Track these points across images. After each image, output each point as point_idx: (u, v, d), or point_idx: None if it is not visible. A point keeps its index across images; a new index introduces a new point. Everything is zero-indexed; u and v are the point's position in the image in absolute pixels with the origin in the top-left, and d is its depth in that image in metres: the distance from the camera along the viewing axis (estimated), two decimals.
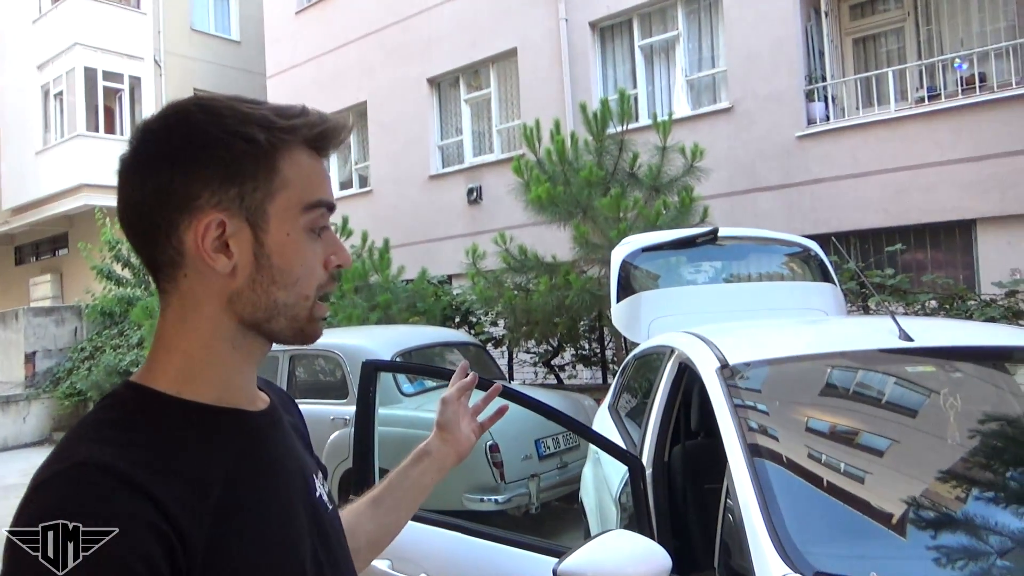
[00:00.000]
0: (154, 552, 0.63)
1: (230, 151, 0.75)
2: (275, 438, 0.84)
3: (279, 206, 0.77)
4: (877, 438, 2.05)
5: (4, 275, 19.13)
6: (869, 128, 7.88)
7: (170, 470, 0.69)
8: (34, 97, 16.04)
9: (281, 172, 0.77)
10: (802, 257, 4.30)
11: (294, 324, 0.80)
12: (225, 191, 0.75)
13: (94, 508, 0.63)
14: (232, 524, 0.72)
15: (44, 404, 13.08)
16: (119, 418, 0.73)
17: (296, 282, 0.78)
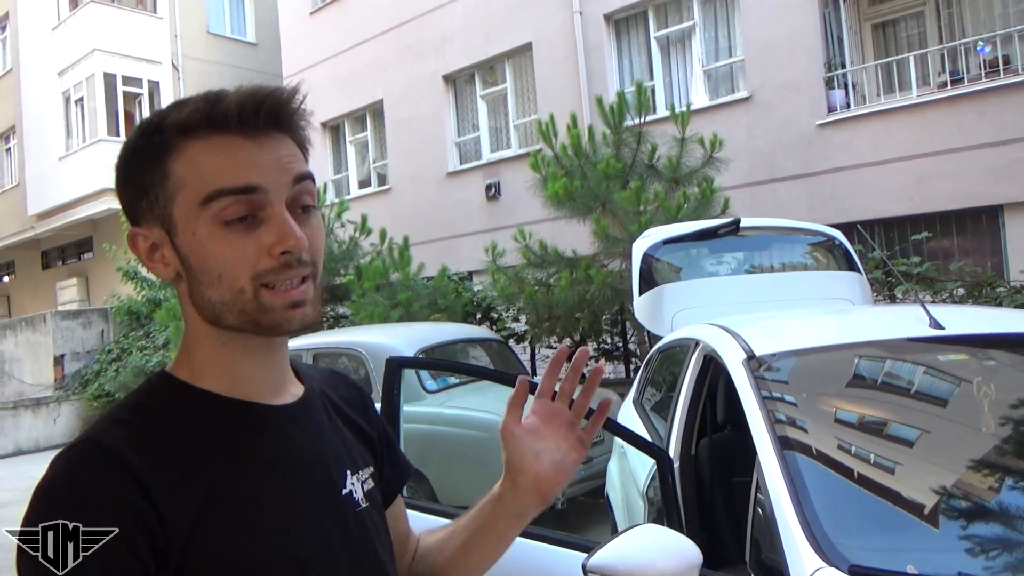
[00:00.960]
0: (131, 529, 0.67)
1: (133, 163, 0.77)
2: (290, 432, 0.82)
3: (181, 208, 0.75)
4: (909, 428, 2.02)
5: (31, 279, 19.44)
6: (891, 115, 7.77)
7: (165, 455, 0.72)
8: (55, 103, 16.25)
9: (174, 173, 0.75)
10: (826, 246, 4.25)
11: (244, 318, 0.77)
12: (140, 205, 0.78)
13: (77, 480, 0.69)
14: (222, 511, 0.73)
15: (73, 406, 13.29)
16: (140, 403, 0.78)
17: (219, 278, 0.75)
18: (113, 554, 0.67)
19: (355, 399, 0.98)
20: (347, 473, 0.87)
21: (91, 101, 15.33)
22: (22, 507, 3.08)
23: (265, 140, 0.76)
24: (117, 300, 13.82)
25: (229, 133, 0.75)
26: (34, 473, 3.79)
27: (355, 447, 0.92)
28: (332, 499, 0.83)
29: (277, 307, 0.76)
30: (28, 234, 17.50)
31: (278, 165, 0.76)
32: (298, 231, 0.75)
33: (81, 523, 0.66)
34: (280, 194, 0.76)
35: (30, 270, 19.53)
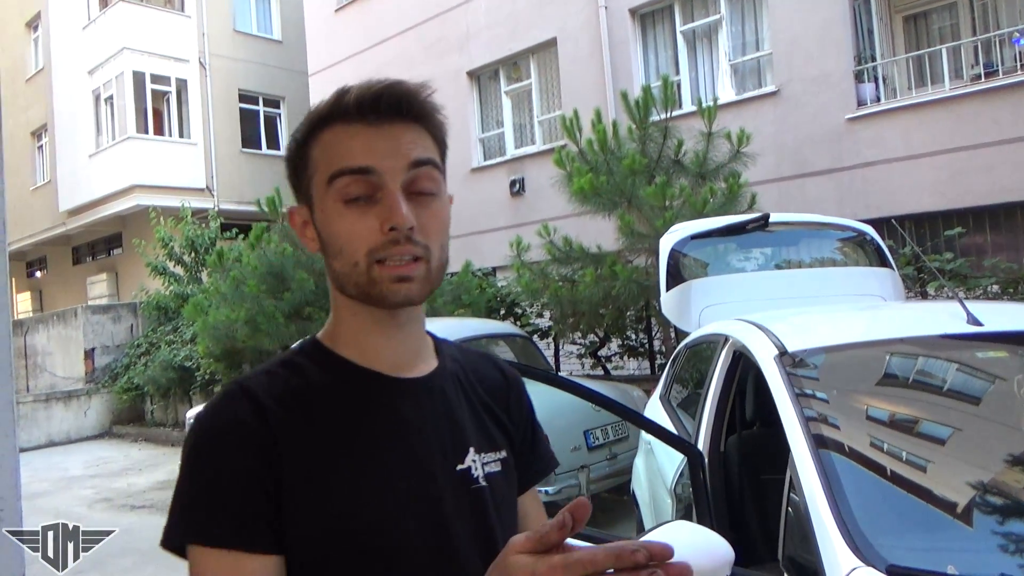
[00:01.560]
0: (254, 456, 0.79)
1: (289, 154, 0.90)
2: (410, 404, 0.89)
3: (316, 188, 0.86)
4: (946, 427, 1.97)
5: (63, 275, 19.79)
6: (922, 108, 7.63)
7: (296, 404, 0.83)
8: (86, 101, 16.51)
9: (312, 158, 0.87)
10: (857, 242, 4.18)
11: (359, 290, 0.85)
12: (296, 186, 0.90)
13: (223, 411, 0.82)
14: (334, 462, 0.82)
15: (103, 399, 13.51)
16: (288, 359, 0.90)
17: (340, 251, 0.85)
18: (243, 480, 0.78)
19: (497, 383, 1.02)
20: (470, 450, 0.91)
21: (120, 99, 15.55)
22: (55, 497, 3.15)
23: (387, 127, 0.85)
24: (146, 295, 14.02)
25: (353, 122, 0.85)
26: (65, 464, 3.87)
27: (484, 429, 0.95)
28: (444, 474, 0.88)
29: (384, 280, 0.83)
30: (59, 230, 17.81)
31: (395, 150, 0.84)
32: (404, 209, 0.82)
33: (218, 451, 0.79)
34: (395, 177, 0.83)
35: (61, 266, 19.88)
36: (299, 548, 0.80)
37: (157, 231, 13.20)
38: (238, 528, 0.78)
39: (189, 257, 13.45)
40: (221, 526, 0.78)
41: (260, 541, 0.78)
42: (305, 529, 0.80)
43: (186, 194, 15.16)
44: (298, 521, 0.80)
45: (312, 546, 0.80)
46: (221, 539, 0.77)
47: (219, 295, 9.08)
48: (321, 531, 0.80)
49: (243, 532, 0.78)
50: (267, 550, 0.78)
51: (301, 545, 0.80)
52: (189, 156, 16.15)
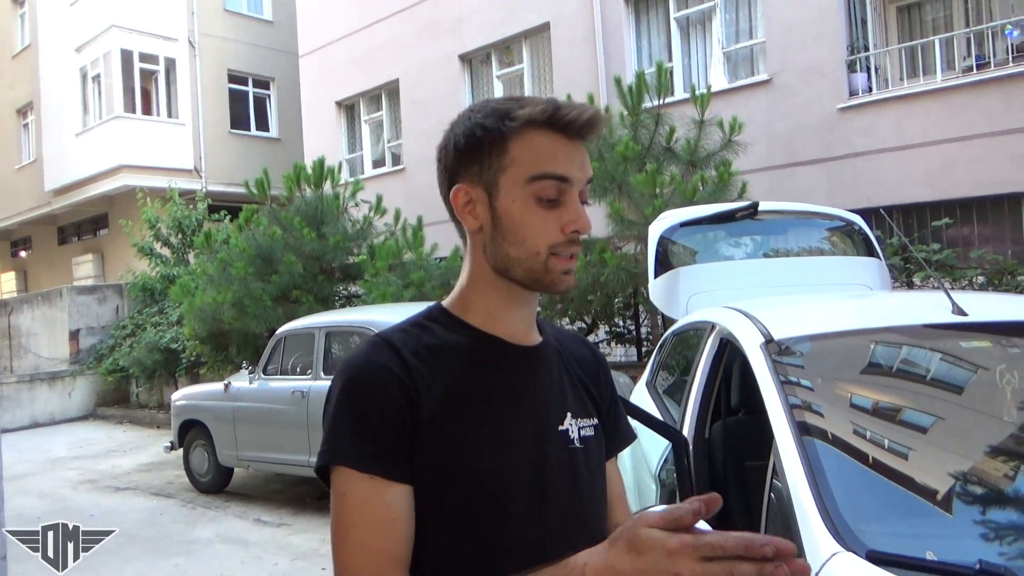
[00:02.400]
0: (398, 394, 0.92)
1: (474, 138, 0.99)
2: (522, 368, 1.02)
3: (509, 179, 0.97)
4: (929, 415, 1.98)
5: (48, 255, 19.62)
6: (914, 99, 7.65)
7: (428, 357, 0.96)
8: (73, 79, 16.30)
9: (510, 152, 0.97)
10: (845, 231, 4.19)
11: (530, 275, 0.99)
12: (470, 167, 1.00)
13: (368, 358, 0.95)
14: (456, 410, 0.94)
15: (88, 380, 13.43)
16: (418, 321, 1.03)
17: (523, 241, 0.97)
18: (388, 414, 0.91)
19: (588, 360, 1.14)
20: (568, 414, 1.03)
21: (108, 78, 15.37)
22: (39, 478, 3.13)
23: (578, 145, 1.00)
24: (132, 276, 13.91)
25: (558, 133, 0.98)
26: (50, 446, 3.84)
27: (579, 398, 1.08)
28: (547, 431, 1.00)
29: (557, 271, 0.98)
30: (45, 210, 17.63)
31: (581, 165, 1.00)
32: (586, 216, 0.99)
33: (368, 387, 0.92)
34: (577, 187, 0.99)
35: (47, 245, 19.70)
36: (424, 482, 0.91)
37: (144, 212, 13.08)
38: (383, 457, 0.90)
39: (176, 238, 13.34)
40: (368, 453, 0.90)
41: (399, 471, 0.90)
42: (432, 466, 0.91)
43: (174, 175, 15.03)
44: (427, 458, 0.91)
45: (436, 482, 0.92)
46: (367, 464, 0.90)
47: (206, 277, 9.02)
48: (445, 469, 0.92)
49: (386, 461, 0.90)
50: (403, 479, 0.90)
51: (426, 479, 0.91)
52: (177, 136, 15.99)
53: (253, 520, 6.10)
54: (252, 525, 5.97)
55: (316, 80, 14.09)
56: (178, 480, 7.63)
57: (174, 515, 6.45)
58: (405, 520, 0.90)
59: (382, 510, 0.89)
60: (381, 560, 0.88)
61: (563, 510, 0.98)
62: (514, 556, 0.92)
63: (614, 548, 0.76)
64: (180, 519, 6.31)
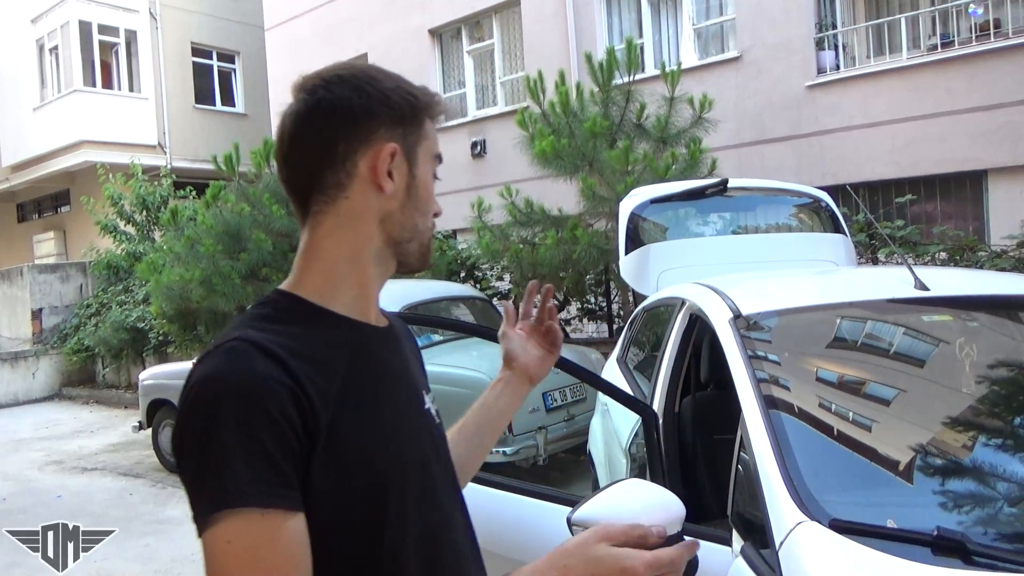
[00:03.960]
0: (289, 407, 0.78)
1: (400, 101, 0.95)
2: (392, 350, 0.99)
3: (424, 151, 0.98)
4: (891, 388, 2.03)
5: (7, 232, 19.11)
6: (880, 77, 7.73)
7: (304, 354, 0.84)
8: (29, 52, 15.79)
9: (425, 126, 0.98)
10: (812, 208, 4.25)
11: (421, 248, 0.99)
12: (395, 130, 0.94)
13: (242, 369, 0.79)
14: (352, 409, 0.85)
15: (52, 360, 13.18)
16: (268, 314, 0.89)
17: (427, 213, 0.99)
18: (284, 433, 0.77)
19: (409, 333, 1.14)
20: (423, 392, 1.03)
21: (66, 50, 14.91)
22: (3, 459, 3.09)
23: None
24: (95, 254, 13.63)
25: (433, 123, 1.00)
26: (13, 427, 3.80)
27: (423, 373, 1.09)
28: (420, 414, 0.99)
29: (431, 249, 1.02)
30: (3, 186, 17.13)
31: None
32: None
33: (256, 405, 0.77)
34: None
35: (5, 223, 19.18)
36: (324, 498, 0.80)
37: (106, 189, 12.78)
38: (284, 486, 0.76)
39: (140, 216, 13.07)
40: (272, 484, 0.75)
41: (296, 497, 0.78)
42: (334, 475, 0.81)
43: (137, 150, 14.68)
44: (330, 469, 0.80)
45: (338, 493, 0.81)
46: (269, 498, 0.75)
47: (173, 255, 8.87)
48: (348, 476, 0.83)
49: (288, 489, 0.77)
50: (300, 507, 0.78)
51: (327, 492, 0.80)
52: (140, 111, 15.60)
53: None
54: None
55: (283, 54, 13.81)
56: (147, 460, 7.56)
57: (143, 495, 6.40)
58: (306, 552, 0.78)
59: (283, 549, 0.75)
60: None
61: (447, 487, 1.00)
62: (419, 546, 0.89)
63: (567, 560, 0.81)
64: (150, 499, 6.26)
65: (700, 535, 1.68)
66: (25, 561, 4.78)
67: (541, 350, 1.32)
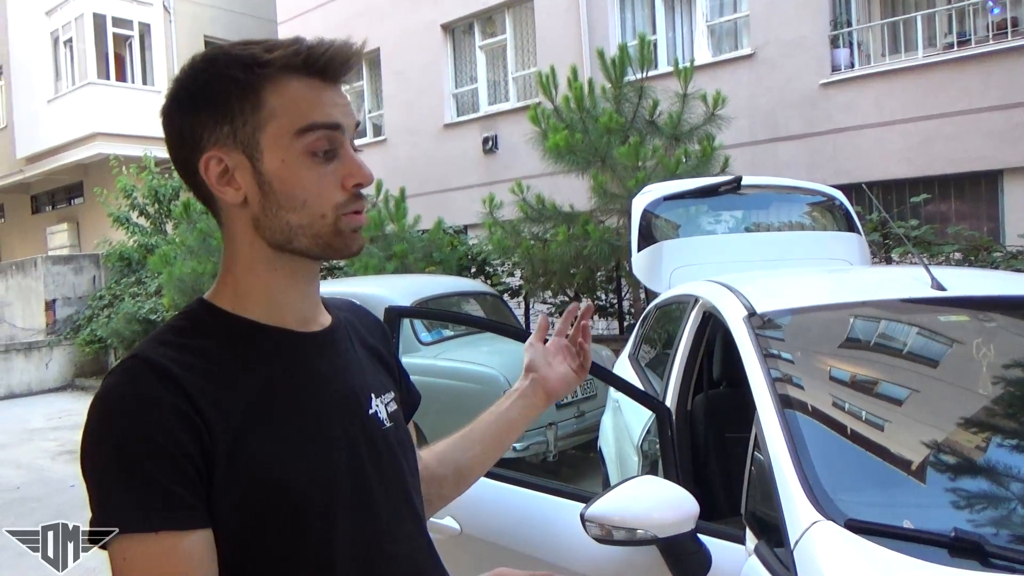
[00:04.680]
0: (177, 430, 0.76)
1: (218, 92, 0.83)
2: (321, 357, 0.91)
3: (270, 136, 0.83)
4: (908, 388, 2.02)
5: (21, 224, 19.24)
6: (895, 75, 7.67)
7: (209, 371, 0.81)
8: (43, 44, 15.87)
9: (267, 104, 0.83)
10: (826, 206, 4.22)
11: (318, 241, 0.86)
12: (220, 129, 0.84)
13: (132, 391, 0.77)
14: (260, 425, 0.81)
15: (66, 351, 13.28)
16: (182, 326, 0.86)
17: (303, 204, 0.84)
18: (169, 456, 0.75)
19: (376, 328, 1.08)
20: (372, 396, 0.95)
21: (80, 42, 14.98)
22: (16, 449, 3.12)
23: (338, 88, 0.88)
24: (108, 246, 13.71)
25: (317, 77, 0.85)
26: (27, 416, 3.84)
27: (378, 372, 1.01)
28: (360, 420, 0.91)
29: (347, 231, 0.86)
30: (17, 177, 17.25)
31: (348, 110, 0.88)
32: (367, 167, 0.87)
33: (138, 429, 0.75)
34: (349, 135, 0.88)
35: (20, 214, 19.32)
36: (237, 516, 0.79)
37: (119, 181, 12.85)
38: (171, 508, 0.75)
39: (153, 208, 13.15)
40: (152, 508, 0.74)
41: (193, 516, 0.76)
42: (241, 494, 0.79)
43: (150, 143, 14.71)
44: (235, 488, 0.78)
45: (246, 510, 0.79)
46: (150, 522, 0.74)
47: (185, 248, 8.92)
48: (256, 493, 0.79)
49: (176, 511, 0.75)
50: (199, 523, 0.77)
51: (239, 512, 0.79)
52: (153, 104, 15.54)
53: None
54: None
55: None
56: None
57: None
58: (208, 568, 0.77)
59: (179, 567, 0.75)
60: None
61: (390, 495, 0.92)
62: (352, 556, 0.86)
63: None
64: None
65: (713, 533, 1.68)
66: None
67: (566, 367, 1.26)
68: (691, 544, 1.61)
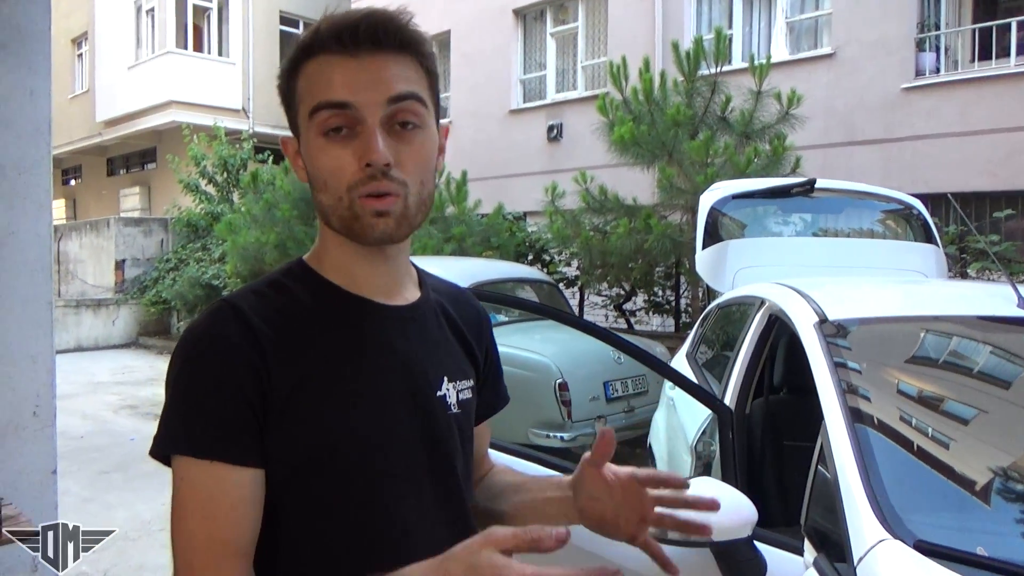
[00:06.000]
0: (243, 374, 0.81)
1: (280, 81, 0.90)
2: (397, 329, 0.92)
3: (302, 119, 0.86)
4: (983, 410, 1.93)
5: (97, 185, 19.99)
6: (984, 83, 7.34)
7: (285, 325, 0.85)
8: (127, 12, 16.39)
9: (298, 89, 0.87)
10: (903, 215, 4.07)
11: (343, 223, 0.86)
12: (291, 112, 0.89)
13: (212, 331, 0.83)
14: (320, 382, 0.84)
15: (132, 309, 13.79)
16: (276, 280, 0.91)
17: (325, 185, 0.85)
18: (232, 395, 0.80)
19: (472, 319, 1.06)
20: (444, 378, 0.95)
21: (162, 12, 15.42)
22: (82, 399, 3.23)
23: (368, 59, 0.83)
24: (177, 211, 14.14)
25: (334, 54, 0.83)
26: (93, 370, 3.99)
27: (459, 359, 1.00)
28: (424, 397, 0.92)
29: (365, 214, 0.84)
30: (95, 140, 17.91)
31: (375, 83, 0.82)
32: (381, 145, 0.82)
33: (209, 366, 0.81)
34: (374, 111, 0.82)
35: (96, 176, 20.07)
36: (283, 464, 0.82)
37: (190, 149, 13.22)
38: (222, 440, 0.80)
39: (221, 177, 13.50)
40: (206, 438, 0.80)
41: (243, 454, 0.81)
42: (292, 445, 0.82)
43: (222, 114, 15.13)
44: (287, 437, 0.82)
45: (298, 462, 0.83)
46: (206, 450, 0.80)
47: (251, 217, 9.13)
48: (309, 448, 0.83)
49: (227, 444, 0.80)
50: (250, 462, 0.81)
51: (286, 460, 0.82)
52: (227, 75, 16.05)
53: None
54: None
55: None
56: None
57: None
58: (248, 506, 0.81)
59: (221, 496, 0.80)
60: (215, 549, 0.79)
61: (439, 479, 0.92)
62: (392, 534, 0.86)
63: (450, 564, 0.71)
64: None
65: (771, 541, 1.64)
66: (99, 496, 5.03)
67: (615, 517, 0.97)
68: (747, 550, 1.57)
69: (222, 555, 0.79)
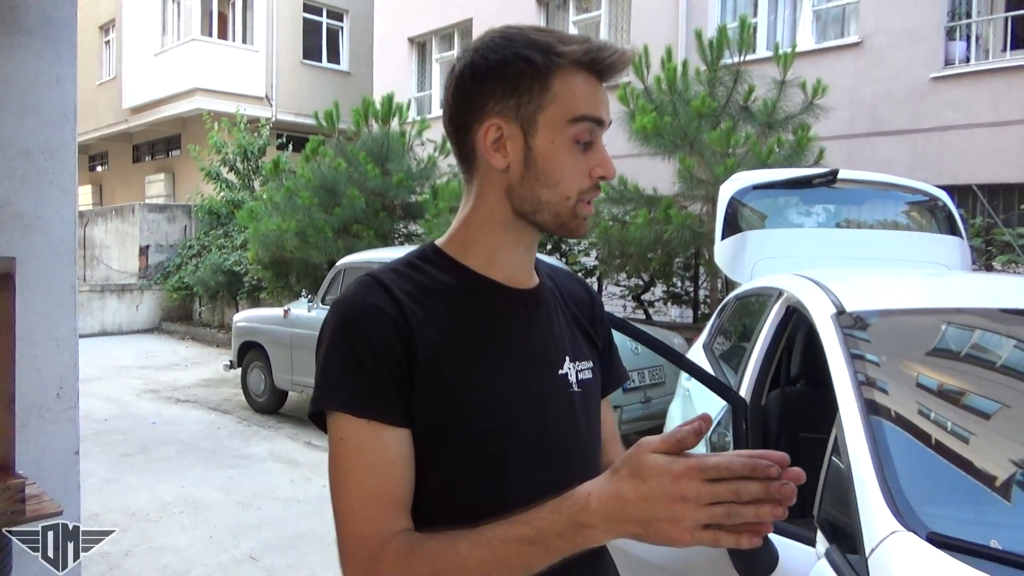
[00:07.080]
0: (392, 337, 0.88)
1: (513, 69, 0.93)
2: (522, 312, 1.00)
3: (548, 117, 0.93)
4: (1002, 403, 1.91)
5: (123, 171, 20.24)
6: (1015, 73, 7.20)
7: (423, 300, 0.93)
8: (154, 0, 16.52)
9: (552, 89, 0.92)
10: (927, 206, 4.01)
11: (557, 219, 0.96)
12: (506, 102, 0.93)
13: (362, 299, 0.91)
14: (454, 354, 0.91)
15: (155, 295, 13.97)
16: (413, 261, 0.99)
17: (557, 184, 0.94)
18: (383, 357, 0.88)
19: (585, 301, 1.14)
20: (566, 358, 1.02)
21: (187, 0, 15.53)
22: (106, 383, 3.30)
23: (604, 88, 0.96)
24: (200, 198, 14.28)
25: (594, 74, 0.94)
26: (116, 354, 4.06)
27: (576, 340, 1.07)
28: (549, 376, 0.99)
29: (581, 216, 0.97)
30: (122, 127, 18.12)
31: (608, 109, 0.97)
32: (612, 163, 0.97)
33: (362, 329, 0.89)
34: (604, 131, 0.97)
35: (122, 162, 20.32)
36: (422, 426, 0.89)
37: (210, 136, 13.33)
38: (379, 399, 0.87)
39: (241, 164, 13.60)
40: (364, 396, 0.87)
41: (397, 413, 0.88)
42: (430, 410, 0.89)
43: (245, 101, 15.24)
44: (425, 402, 0.89)
45: (434, 426, 0.89)
46: (362, 408, 0.87)
47: (272, 204, 9.20)
48: (443, 414, 0.90)
49: (383, 403, 0.87)
50: (401, 422, 0.88)
51: (425, 423, 0.89)
52: (250, 63, 16.15)
53: (304, 443, 6.32)
54: (303, 447, 6.19)
55: (390, 14, 13.98)
56: (235, 398, 7.95)
57: (230, 430, 6.74)
58: (404, 462, 0.88)
59: (380, 453, 0.86)
60: (381, 502, 0.86)
61: (561, 454, 0.97)
62: (513, 499, 0.87)
63: (617, 476, 0.76)
64: (236, 435, 6.59)
65: (783, 532, 1.63)
66: (121, 478, 5.12)
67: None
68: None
69: (388, 506, 0.86)
